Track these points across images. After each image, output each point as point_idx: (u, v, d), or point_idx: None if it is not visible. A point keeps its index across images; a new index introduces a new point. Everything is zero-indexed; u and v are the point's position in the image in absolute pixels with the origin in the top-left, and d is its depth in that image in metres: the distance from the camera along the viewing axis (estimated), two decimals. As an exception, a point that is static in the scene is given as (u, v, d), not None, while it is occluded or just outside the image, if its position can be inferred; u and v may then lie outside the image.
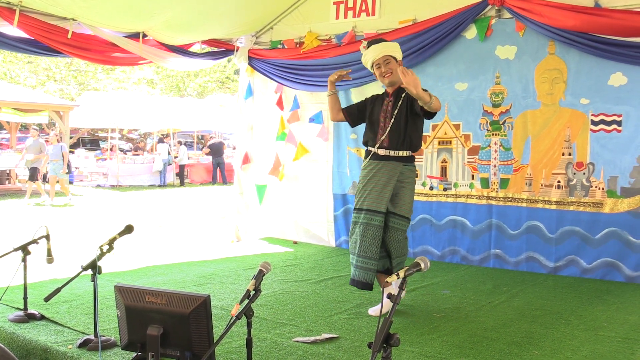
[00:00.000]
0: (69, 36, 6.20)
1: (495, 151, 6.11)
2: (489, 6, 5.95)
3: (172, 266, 6.21)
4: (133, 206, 13.53)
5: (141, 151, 23.69)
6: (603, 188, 5.55)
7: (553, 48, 5.76)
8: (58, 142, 13.80)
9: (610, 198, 5.51)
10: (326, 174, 7.32)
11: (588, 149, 5.62)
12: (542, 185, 5.86)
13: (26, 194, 13.81)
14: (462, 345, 3.72)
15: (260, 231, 7.96)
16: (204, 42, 7.60)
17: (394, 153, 4.43)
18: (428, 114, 4.35)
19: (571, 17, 5.37)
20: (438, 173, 6.47)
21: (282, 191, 7.72)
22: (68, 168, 14.07)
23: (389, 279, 2.57)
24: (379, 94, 4.67)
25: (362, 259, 4.41)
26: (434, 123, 6.43)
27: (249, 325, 2.84)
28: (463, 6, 6.05)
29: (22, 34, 6.01)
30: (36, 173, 13.79)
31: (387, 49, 4.47)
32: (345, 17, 6.96)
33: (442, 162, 6.45)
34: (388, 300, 4.23)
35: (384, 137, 4.42)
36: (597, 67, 5.53)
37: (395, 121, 4.40)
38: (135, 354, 3.13)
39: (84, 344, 3.57)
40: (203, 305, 2.82)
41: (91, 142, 28.25)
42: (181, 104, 23.65)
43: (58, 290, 3.46)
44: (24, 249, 4.00)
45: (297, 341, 3.75)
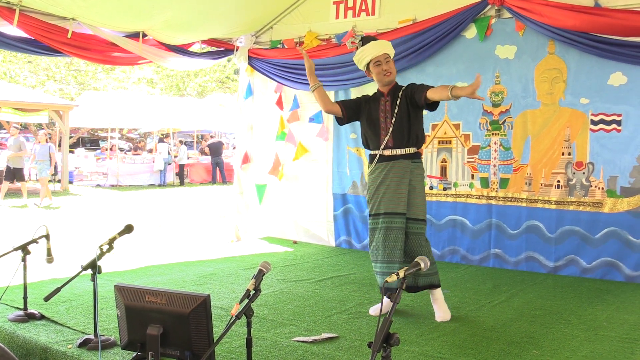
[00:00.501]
0: (69, 36, 6.20)
1: (495, 151, 6.11)
2: (489, 6, 5.95)
3: (172, 266, 6.21)
4: (133, 206, 13.53)
5: (141, 151, 23.70)
6: (603, 188, 5.55)
7: (553, 48, 5.76)
8: (47, 142, 13.59)
9: (610, 198, 5.51)
10: (326, 174, 7.32)
11: (588, 149, 5.62)
12: (542, 184, 5.86)
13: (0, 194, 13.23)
14: (462, 344, 3.72)
15: (260, 231, 7.96)
16: (204, 42, 7.60)
17: (401, 151, 4.34)
18: (433, 105, 4.27)
19: (571, 17, 5.37)
20: (438, 173, 6.47)
21: (282, 191, 7.72)
22: (55, 170, 13.67)
23: (389, 279, 2.57)
24: (371, 95, 4.53)
25: (386, 265, 4.27)
26: (434, 123, 6.43)
27: (249, 324, 2.84)
28: (463, 6, 6.05)
29: (22, 34, 6.01)
30: (19, 173, 13.22)
31: (387, 47, 4.39)
32: (345, 17, 6.96)
33: (442, 162, 6.45)
34: (388, 300, 4.26)
35: (388, 137, 4.33)
36: (597, 67, 5.53)
37: (397, 120, 4.31)
38: (135, 354, 3.14)
39: (84, 344, 3.57)
40: (203, 304, 2.82)
41: (91, 142, 28.26)
42: (181, 104, 23.64)
43: (58, 289, 3.46)
44: (24, 249, 4.00)
45: (297, 341, 3.75)
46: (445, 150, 6.43)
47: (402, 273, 2.54)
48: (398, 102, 4.31)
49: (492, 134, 6.12)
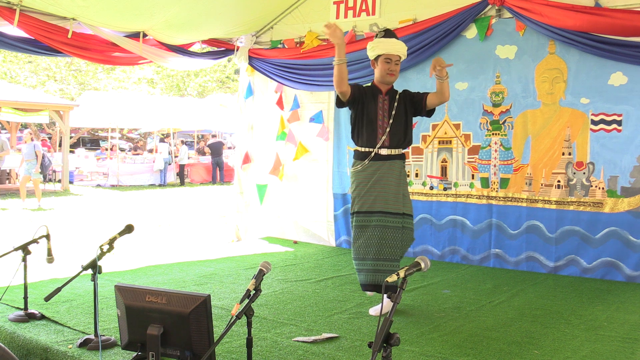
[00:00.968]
0: (69, 36, 6.20)
1: (495, 151, 6.11)
2: (489, 6, 5.95)
3: (172, 266, 6.21)
4: (133, 206, 13.53)
5: (140, 150, 23.70)
6: (603, 188, 5.55)
7: (553, 48, 5.76)
8: (32, 141, 13.50)
9: (610, 198, 5.51)
10: (326, 174, 7.32)
11: (588, 149, 5.62)
12: (542, 184, 5.86)
13: None
14: (463, 344, 3.72)
15: (260, 231, 7.96)
16: (204, 42, 7.60)
17: (396, 152, 4.45)
18: (431, 112, 4.46)
19: (571, 17, 5.37)
20: (438, 173, 6.47)
21: (282, 191, 7.72)
22: (42, 168, 13.52)
23: (389, 279, 2.57)
24: (370, 87, 4.53)
25: (382, 262, 4.31)
26: (434, 123, 6.43)
27: (249, 324, 2.84)
28: (463, 6, 6.05)
29: (23, 34, 6.01)
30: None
31: (403, 50, 4.47)
32: (345, 17, 6.96)
33: (442, 162, 6.45)
34: (388, 300, 4.25)
35: (385, 137, 4.39)
36: (597, 67, 5.53)
37: (394, 122, 4.40)
38: (135, 354, 3.14)
39: (84, 344, 3.57)
40: (203, 304, 2.82)
41: (91, 142, 28.27)
42: (181, 104, 23.65)
43: (58, 289, 3.46)
44: (24, 249, 4.00)
45: (298, 341, 3.75)
46: (445, 150, 6.43)
47: (403, 273, 2.54)
48: (396, 104, 4.42)
49: (493, 134, 6.12)
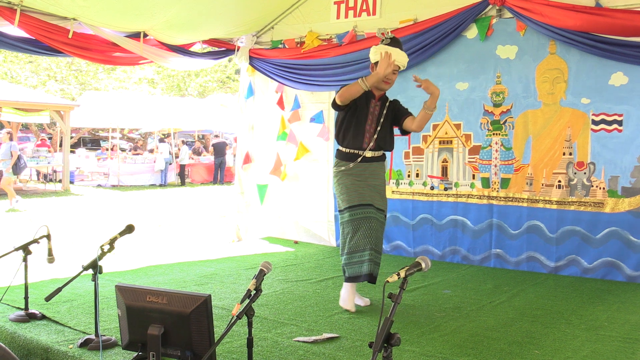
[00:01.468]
0: (70, 36, 6.20)
1: (496, 151, 6.11)
2: (490, 6, 5.95)
3: (173, 266, 6.21)
4: (134, 206, 13.54)
5: (140, 150, 23.71)
6: (604, 188, 5.55)
7: (554, 48, 5.75)
8: (10, 141, 13.39)
9: (611, 198, 5.51)
10: (327, 174, 7.31)
11: (589, 149, 5.62)
12: (543, 185, 5.86)
13: None
14: (463, 344, 3.72)
15: (260, 231, 7.96)
16: (205, 42, 7.60)
17: (378, 154, 4.66)
18: (404, 132, 4.75)
19: (572, 17, 5.36)
20: (439, 173, 6.47)
21: (283, 191, 7.72)
22: (17, 168, 13.25)
23: (390, 279, 2.57)
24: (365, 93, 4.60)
25: (376, 254, 4.46)
26: (435, 123, 6.43)
27: (250, 324, 2.84)
28: (464, 6, 6.04)
29: (23, 34, 6.01)
30: None
31: (403, 60, 4.58)
32: (346, 17, 6.96)
33: (443, 162, 6.45)
34: (348, 286, 4.48)
35: (372, 141, 4.58)
36: (598, 67, 5.53)
37: (382, 128, 4.59)
38: (136, 354, 3.14)
39: (85, 344, 3.57)
40: (204, 304, 2.82)
41: (92, 142, 28.27)
42: (182, 104, 23.66)
43: (59, 289, 3.47)
44: (25, 249, 4.00)
45: (298, 341, 3.75)
46: (446, 150, 6.42)
47: (404, 273, 2.54)
48: (385, 112, 4.61)
49: (493, 134, 6.12)
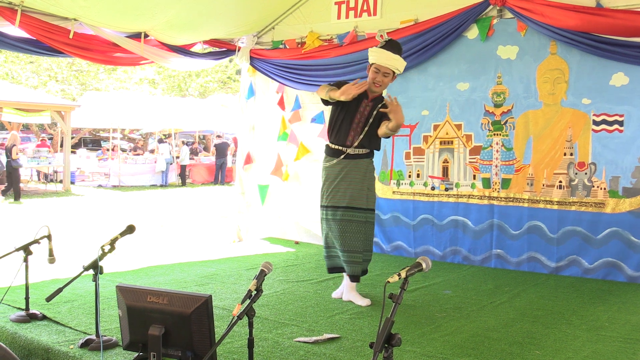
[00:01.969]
0: (71, 36, 6.20)
1: (496, 151, 6.11)
2: (491, 6, 5.94)
3: (174, 266, 6.21)
4: (134, 206, 13.54)
5: (140, 151, 23.72)
6: (605, 188, 5.54)
7: (555, 48, 5.75)
8: None
9: (612, 198, 5.51)
10: (327, 174, 7.30)
11: (590, 149, 5.61)
12: (544, 185, 5.86)
13: None
14: (464, 345, 3.72)
15: (261, 231, 7.96)
16: (206, 42, 7.60)
17: (363, 151, 4.72)
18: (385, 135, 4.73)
19: (573, 17, 5.36)
20: (440, 173, 6.47)
21: (284, 191, 7.72)
22: None
23: (391, 280, 2.56)
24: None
25: (350, 254, 4.67)
26: (436, 123, 6.43)
27: (251, 325, 2.83)
28: (464, 6, 6.04)
29: (24, 34, 6.02)
30: None
31: (394, 64, 4.62)
32: (346, 17, 6.96)
33: (444, 162, 6.44)
34: (349, 283, 4.67)
35: (357, 140, 4.67)
36: (599, 67, 5.52)
37: (369, 128, 4.66)
38: (136, 354, 3.14)
39: (86, 344, 3.57)
40: (204, 305, 2.82)
41: (93, 142, 28.26)
42: (183, 104, 23.67)
43: (60, 290, 3.47)
44: (26, 249, 4.00)
45: (299, 341, 3.75)
46: (447, 150, 6.42)
47: (404, 273, 2.53)
48: (375, 113, 4.65)
49: (494, 135, 6.12)
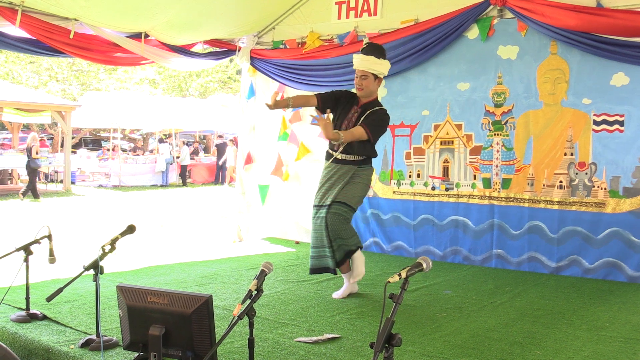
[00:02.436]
0: (71, 36, 6.21)
1: (497, 151, 6.11)
2: (491, 6, 5.95)
3: (174, 266, 6.21)
4: (135, 206, 13.54)
5: (140, 151, 23.72)
6: (605, 188, 5.54)
7: (555, 48, 5.75)
8: None
9: (612, 198, 5.50)
10: (328, 174, 7.30)
11: (590, 149, 5.61)
12: (544, 185, 5.86)
13: None
14: (464, 345, 3.72)
15: (262, 231, 7.96)
16: (206, 42, 7.60)
17: (350, 157, 4.80)
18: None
19: (573, 17, 5.36)
20: (440, 173, 6.47)
21: (284, 191, 7.72)
22: None
23: (391, 279, 2.56)
24: (353, 95, 4.89)
25: (316, 249, 4.80)
26: (436, 123, 6.44)
27: (251, 325, 2.84)
28: (465, 6, 6.04)
29: (24, 34, 6.02)
30: None
31: (368, 66, 4.69)
32: (347, 17, 6.96)
33: (444, 162, 6.44)
34: (353, 285, 4.76)
35: (341, 145, 4.75)
36: (599, 67, 5.52)
37: None
38: (137, 354, 3.14)
39: (86, 344, 3.57)
40: (205, 305, 2.82)
41: (93, 142, 28.27)
42: (183, 104, 23.67)
43: (60, 290, 3.47)
44: (26, 249, 4.00)
45: (299, 341, 3.75)
46: (447, 150, 6.42)
47: (405, 273, 2.53)
48: (362, 119, 4.71)
49: (495, 135, 6.12)
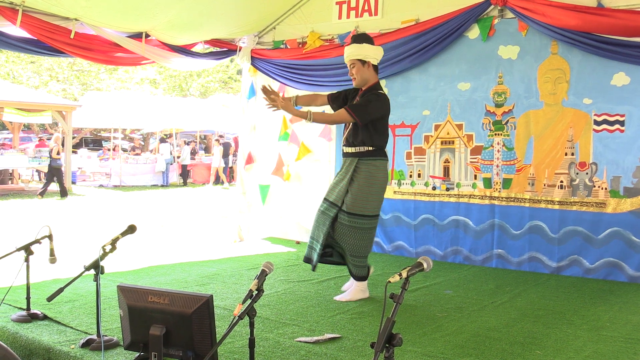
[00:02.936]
0: (72, 36, 6.20)
1: (497, 151, 6.10)
2: (492, 6, 5.94)
3: (175, 266, 6.21)
4: (136, 206, 13.55)
5: (139, 151, 23.73)
6: (606, 188, 5.54)
7: (556, 48, 5.75)
8: None
9: (613, 198, 5.50)
10: (329, 174, 7.30)
11: (591, 149, 5.61)
12: (545, 185, 5.85)
13: None
14: (465, 345, 3.71)
15: (262, 231, 7.96)
16: (207, 42, 7.60)
17: (351, 149, 4.73)
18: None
19: (574, 17, 5.36)
20: (441, 173, 6.47)
21: (285, 191, 7.72)
22: None
23: (392, 279, 2.56)
24: (358, 89, 4.88)
25: (312, 240, 4.87)
26: (437, 123, 6.43)
27: (252, 325, 2.83)
28: (465, 6, 6.04)
29: (25, 34, 6.02)
30: None
31: (351, 54, 4.70)
32: (347, 17, 6.96)
33: (445, 162, 6.44)
34: (357, 287, 4.70)
35: (345, 136, 4.76)
36: (600, 67, 5.52)
37: (352, 123, 4.69)
38: (137, 354, 3.14)
39: (87, 344, 3.57)
40: (205, 305, 2.82)
41: (94, 142, 28.29)
42: (184, 104, 23.68)
43: (61, 290, 3.46)
44: (27, 249, 4.00)
45: (300, 341, 3.75)
46: (448, 150, 6.42)
47: (405, 273, 2.53)
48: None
49: (495, 134, 6.11)
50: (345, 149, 4.79)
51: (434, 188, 6.50)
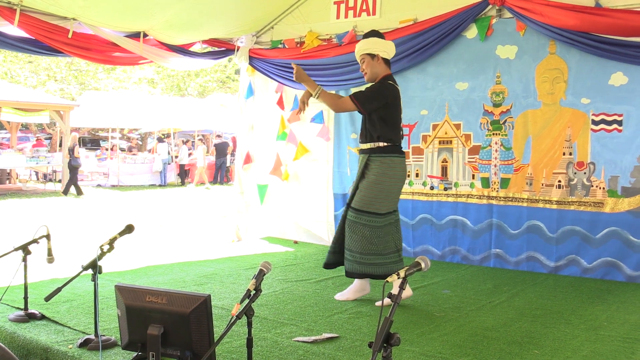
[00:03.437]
0: (70, 36, 6.20)
1: (495, 151, 6.11)
2: (490, 6, 5.95)
3: (173, 266, 6.21)
4: (133, 206, 13.53)
5: (136, 150, 23.69)
6: (604, 188, 5.55)
7: (554, 48, 5.75)
8: None
9: (610, 198, 5.51)
10: (327, 174, 7.32)
11: (589, 149, 5.62)
12: (543, 184, 5.86)
13: None
14: (463, 344, 3.72)
15: (260, 231, 7.95)
16: (205, 42, 7.60)
17: (363, 146, 4.70)
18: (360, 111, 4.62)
19: (572, 17, 5.36)
20: (439, 173, 6.47)
21: (283, 191, 7.72)
22: None
23: (390, 279, 2.56)
24: None
25: (333, 245, 4.82)
26: (435, 123, 6.44)
27: (250, 324, 2.83)
28: (464, 6, 6.04)
29: (23, 34, 6.01)
30: None
31: (359, 49, 4.69)
32: (345, 17, 6.96)
33: (443, 162, 6.45)
34: (359, 286, 4.66)
35: (360, 132, 4.78)
36: (598, 67, 5.53)
37: (363, 118, 4.70)
38: (135, 354, 3.14)
39: (85, 344, 3.57)
40: (203, 304, 2.82)
41: (92, 142, 28.26)
42: (182, 104, 23.65)
43: (58, 289, 3.46)
44: (25, 249, 3.99)
45: (298, 341, 3.75)
46: (446, 150, 6.42)
47: (403, 273, 2.53)
48: None
49: (493, 134, 6.12)
50: (361, 146, 4.74)
51: (432, 188, 6.50)
